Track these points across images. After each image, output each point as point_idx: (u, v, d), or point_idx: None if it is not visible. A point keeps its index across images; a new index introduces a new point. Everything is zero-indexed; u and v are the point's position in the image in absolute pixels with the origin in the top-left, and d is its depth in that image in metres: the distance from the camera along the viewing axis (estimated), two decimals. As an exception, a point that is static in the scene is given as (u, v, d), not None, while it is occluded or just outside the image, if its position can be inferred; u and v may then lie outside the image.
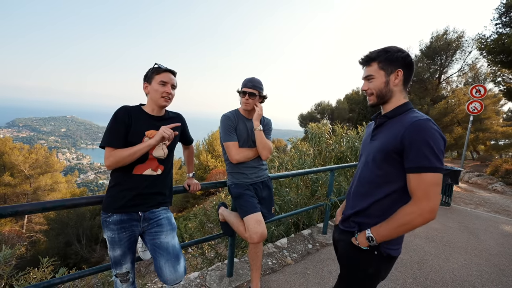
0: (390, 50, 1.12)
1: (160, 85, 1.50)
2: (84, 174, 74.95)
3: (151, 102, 1.55)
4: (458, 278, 2.61)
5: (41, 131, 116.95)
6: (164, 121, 1.60)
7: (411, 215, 0.99)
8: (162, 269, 1.45)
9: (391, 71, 1.12)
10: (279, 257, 2.82)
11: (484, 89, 7.64)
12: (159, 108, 1.57)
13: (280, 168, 4.64)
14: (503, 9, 9.65)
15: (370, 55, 1.16)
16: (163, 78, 1.51)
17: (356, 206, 1.19)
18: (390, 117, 1.15)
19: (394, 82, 1.13)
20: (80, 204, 1.57)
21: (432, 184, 0.96)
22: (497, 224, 4.53)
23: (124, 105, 1.53)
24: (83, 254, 13.14)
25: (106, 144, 1.42)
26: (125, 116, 1.46)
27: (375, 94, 1.16)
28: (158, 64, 1.53)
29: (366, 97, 1.22)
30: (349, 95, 26.59)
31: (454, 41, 16.73)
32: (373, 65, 1.15)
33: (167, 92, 1.52)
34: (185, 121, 1.78)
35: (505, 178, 10.80)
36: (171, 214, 1.64)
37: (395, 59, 1.11)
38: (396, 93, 1.15)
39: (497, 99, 17.26)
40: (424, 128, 0.99)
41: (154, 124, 1.54)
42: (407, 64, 1.11)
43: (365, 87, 1.20)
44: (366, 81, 1.19)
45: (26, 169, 18.33)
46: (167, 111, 1.67)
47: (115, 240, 1.45)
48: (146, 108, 1.56)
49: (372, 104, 1.21)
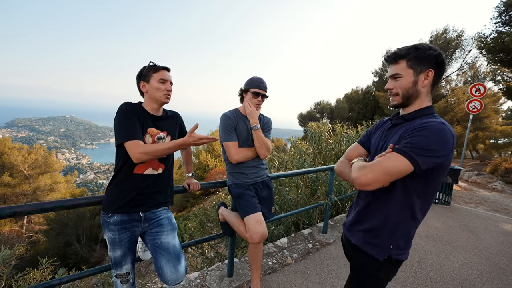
0: (421, 47, 1.03)
1: (160, 83, 1.50)
2: (84, 174, 74.87)
3: (150, 100, 1.54)
4: (458, 277, 2.61)
5: (40, 131, 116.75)
6: (162, 120, 1.59)
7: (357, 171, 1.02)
8: (163, 269, 1.44)
9: (420, 71, 1.04)
10: (279, 257, 2.82)
11: (484, 88, 7.65)
12: (159, 106, 1.57)
13: (280, 167, 4.64)
14: (503, 8, 9.65)
15: (398, 52, 1.07)
16: (161, 76, 1.51)
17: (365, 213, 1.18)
18: (407, 120, 1.09)
19: (423, 83, 1.05)
20: (80, 205, 1.57)
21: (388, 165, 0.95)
22: (497, 223, 4.53)
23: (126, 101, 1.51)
24: (83, 254, 13.13)
25: (128, 138, 1.36)
26: (132, 108, 1.46)
27: (401, 94, 1.08)
28: (153, 62, 1.53)
29: (390, 97, 1.14)
30: (348, 94, 26.61)
31: (454, 40, 16.74)
32: (401, 63, 1.06)
33: (168, 90, 1.53)
34: (182, 120, 1.78)
35: (505, 177, 10.82)
36: (171, 214, 1.64)
37: (426, 57, 1.02)
38: (423, 94, 1.07)
39: (497, 98, 17.26)
40: (432, 128, 0.95)
41: (155, 123, 1.54)
42: (439, 63, 1.03)
43: (390, 86, 1.11)
44: (392, 79, 1.10)
45: (26, 169, 18.30)
46: (165, 110, 1.67)
47: (115, 240, 1.45)
48: (145, 106, 1.56)
49: (395, 105, 1.12)
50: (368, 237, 1.14)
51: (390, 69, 1.11)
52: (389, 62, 1.12)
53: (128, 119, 1.41)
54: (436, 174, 1.01)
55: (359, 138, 1.34)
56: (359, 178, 0.99)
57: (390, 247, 1.09)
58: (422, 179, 1.01)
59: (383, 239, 1.10)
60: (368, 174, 0.97)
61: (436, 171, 0.99)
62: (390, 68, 1.11)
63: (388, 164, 0.96)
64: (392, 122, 1.17)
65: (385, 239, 1.10)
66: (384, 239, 1.10)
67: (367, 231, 1.15)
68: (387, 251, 1.09)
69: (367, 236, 1.15)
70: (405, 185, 1.04)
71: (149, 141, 1.50)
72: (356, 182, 1.01)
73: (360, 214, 1.20)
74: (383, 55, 1.19)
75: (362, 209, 1.19)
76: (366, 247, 1.14)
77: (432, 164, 0.95)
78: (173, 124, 1.66)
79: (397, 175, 0.96)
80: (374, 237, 1.12)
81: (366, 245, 1.14)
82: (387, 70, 1.16)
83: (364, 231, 1.16)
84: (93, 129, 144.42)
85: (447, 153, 0.95)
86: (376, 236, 1.12)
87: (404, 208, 1.06)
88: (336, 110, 25.37)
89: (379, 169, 0.97)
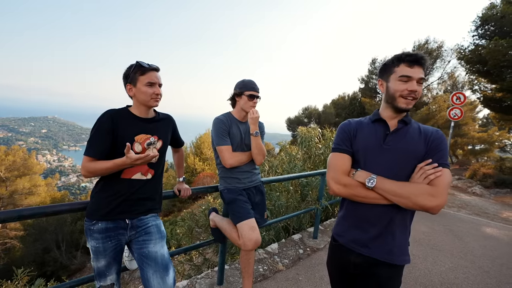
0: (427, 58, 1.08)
1: (147, 86, 1.40)
2: (66, 177, 71.84)
3: (138, 104, 1.45)
4: (446, 281, 2.65)
5: (19, 131, 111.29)
6: (154, 123, 1.52)
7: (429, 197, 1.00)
8: (149, 281, 1.36)
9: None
10: (270, 263, 2.77)
11: (464, 96, 7.98)
12: (147, 109, 1.48)
13: (270, 172, 4.61)
14: (479, 22, 10.19)
15: (426, 57, 1.05)
16: (149, 78, 1.40)
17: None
18: (407, 123, 1.14)
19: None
20: (62, 211, 1.47)
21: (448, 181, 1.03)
22: (478, 226, 4.70)
23: (109, 109, 1.41)
24: (63, 261, 12.54)
25: (85, 153, 1.33)
26: (108, 122, 1.35)
27: (417, 100, 1.10)
28: (140, 62, 1.41)
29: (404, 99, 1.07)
30: (335, 100, 27.11)
31: (435, 51, 17.47)
32: (423, 69, 1.07)
33: (157, 94, 1.43)
34: (175, 124, 1.71)
35: (483, 182, 11.33)
36: (160, 221, 1.56)
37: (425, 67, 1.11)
38: None
39: (473, 106, 18.14)
40: (444, 137, 1.10)
41: (144, 127, 1.46)
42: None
43: (415, 87, 1.05)
44: (417, 83, 1.06)
45: (2, 172, 17.28)
46: (157, 112, 1.59)
47: (99, 249, 1.36)
48: (133, 110, 1.46)
49: (409, 109, 1.10)
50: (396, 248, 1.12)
51: (417, 70, 1.05)
52: (416, 63, 1.06)
53: (95, 133, 1.34)
54: None
55: (337, 147, 1.20)
56: (438, 202, 1.00)
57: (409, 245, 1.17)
58: None
59: (405, 244, 1.15)
60: (444, 195, 1.01)
61: None
62: (417, 70, 1.05)
63: (449, 180, 1.04)
64: (390, 126, 1.14)
65: (406, 242, 1.15)
66: (406, 243, 1.15)
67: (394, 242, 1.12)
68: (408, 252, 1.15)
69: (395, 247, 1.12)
70: None
71: (138, 149, 1.42)
72: (435, 209, 1.01)
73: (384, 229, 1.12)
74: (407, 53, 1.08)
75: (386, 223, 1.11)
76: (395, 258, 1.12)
77: None
78: (165, 128, 1.59)
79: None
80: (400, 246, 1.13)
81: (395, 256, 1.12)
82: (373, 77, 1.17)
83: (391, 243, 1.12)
84: (76, 131, 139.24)
85: None
86: (401, 244, 1.13)
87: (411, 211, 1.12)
88: (323, 115, 25.75)
89: (447, 187, 1.03)
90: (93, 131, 1.35)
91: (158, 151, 1.49)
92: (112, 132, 1.36)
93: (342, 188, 1.13)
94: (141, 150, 1.43)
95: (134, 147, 1.41)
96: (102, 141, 1.34)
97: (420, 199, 0.99)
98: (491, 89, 10.98)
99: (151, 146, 1.47)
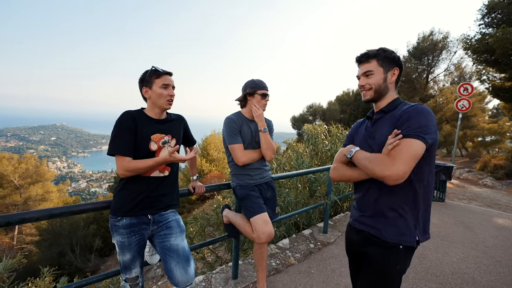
0: (387, 50, 1.21)
1: (162, 88, 1.51)
2: (76, 182, 73.28)
3: (153, 106, 1.55)
4: (457, 271, 2.68)
5: (30, 140, 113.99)
6: (167, 123, 1.61)
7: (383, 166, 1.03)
8: (173, 271, 1.45)
9: (388, 69, 1.20)
10: (282, 258, 2.84)
11: (471, 87, 7.89)
12: (161, 111, 1.58)
13: (278, 169, 4.68)
14: (485, 10, 10.03)
15: (369, 52, 1.22)
16: (164, 81, 1.52)
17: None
18: (386, 112, 1.21)
19: (391, 79, 1.21)
20: (88, 210, 1.57)
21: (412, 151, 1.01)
22: (490, 217, 4.66)
23: (127, 110, 1.52)
24: (77, 264, 12.84)
25: (116, 152, 1.42)
26: (130, 121, 1.46)
27: (374, 89, 1.21)
28: (155, 67, 1.53)
29: (361, 92, 1.26)
30: (340, 96, 26.96)
31: (440, 42, 17.22)
32: (372, 62, 1.21)
33: (171, 95, 1.55)
34: (187, 124, 1.79)
35: (494, 173, 11.14)
36: (179, 216, 1.65)
37: (392, 58, 1.20)
38: (391, 90, 1.23)
39: (482, 97, 17.82)
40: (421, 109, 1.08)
41: (158, 127, 1.55)
42: (401, 64, 1.22)
43: (363, 82, 1.23)
44: (364, 77, 1.23)
45: (16, 179, 17.83)
46: (169, 113, 1.69)
47: (124, 244, 1.45)
48: (148, 112, 1.57)
49: (368, 99, 1.24)
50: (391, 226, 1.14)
51: (362, 67, 1.24)
52: (361, 62, 1.25)
53: (120, 132, 1.43)
54: (432, 152, 1.11)
55: (343, 143, 1.41)
56: (391, 172, 0.99)
57: (415, 228, 1.12)
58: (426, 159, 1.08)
59: (408, 224, 1.12)
60: (400, 165, 0.99)
61: (432, 147, 1.08)
62: (362, 67, 1.24)
63: (412, 150, 1.01)
64: (374, 118, 1.26)
65: (409, 223, 1.12)
66: (409, 224, 1.12)
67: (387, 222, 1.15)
68: (414, 235, 1.12)
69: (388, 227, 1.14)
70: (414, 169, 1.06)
71: (154, 148, 1.51)
72: (388, 178, 1.00)
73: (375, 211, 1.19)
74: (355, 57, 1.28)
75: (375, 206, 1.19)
76: (390, 235, 1.13)
77: (432, 139, 1.05)
78: (178, 127, 1.68)
79: (418, 158, 1.03)
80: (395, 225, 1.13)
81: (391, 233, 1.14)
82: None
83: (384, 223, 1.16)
84: (84, 137, 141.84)
85: (435, 128, 1.07)
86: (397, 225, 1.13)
87: (415, 191, 1.11)
88: (328, 112, 25.65)
89: (407, 156, 1.00)
90: (116, 130, 1.44)
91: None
92: (135, 130, 1.46)
93: (333, 171, 1.32)
94: (156, 148, 1.53)
95: (151, 145, 1.50)
96: (128, 138, 1.43)
97: (376, 168, 1.05)
98: (500, 79, 10.78)
99: (166, 145, 1.56)
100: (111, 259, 13.97)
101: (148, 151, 1.49)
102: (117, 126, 1.44)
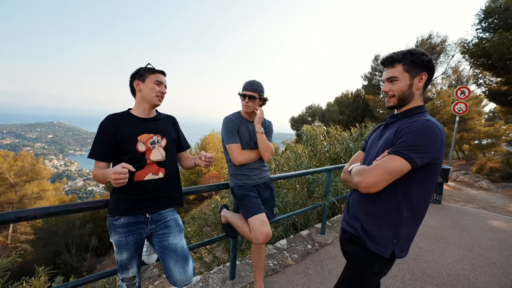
0: (415, 52, 1.10)
1: (155, 84, 1.51)
2: (73, 181, 72.72)
3: (142, 101, 1.53)
4: (453, 272, 2.70)
5: (26, 137, 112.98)
6: (155, 121, 1.58)
7: (358, 174, 1.08)
8: (171, 270, 1.45)
9: (415, 74, 1.11)
10: (280, 258, 2.84)
11: (468, 91, 7.95)
12: (150, 107, 1.55)
13: (276, 170, 4.68)
14: (483, 15, 10.13)
15: (395, 56, 1.12)
16: (158, 78, 1.52)
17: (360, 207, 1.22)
18: (400, 118, 1.17)
19: (417, 85, 1.12)
20: (85, 209, 1.56)
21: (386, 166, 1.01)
22: (485, 219, 4.70)
23: (110, 113, 1.50)
24: (73, 264, 12.75)
25: (91, 157, 1.42)
26: (109, 125, 1.43)
27: (397, 96, 1.14)
28: (151, 64, 1.54)
29: (385, 98, 1.20)
30: (339, 97, 27.05)
31: (438, 45, 17.36)
32: (398, 67, 1.12)
33: (162, 92, 1.54)
34: (177, 123, 1.75)
35: (490, 176, 11.24)
36: (178, 215, 1.64)
37: (420, 62, 1.10)
38: (416, 96, 1.15)
39: (479, 100, 17.94)
40: (423, 126, 1.01)
41: (145, 126, 1.52)
42: (431, 68, 1.11)
43: (387, 88, 1.16)
44: (389, 82, 1.16)
45: (11, 177, 17.65)
46: (159, 112, 1.66)
47: (122, 243, 1.45)
48: (135, 111, 1.54)
49: (391, 106, 1.19)
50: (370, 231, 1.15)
51: (387, 72, 1.16)
52: (385, 66, 1.18)
53: (97, 137, 1.44)
54: (430, 172, 1.05)
55: (362, 146, 1.42)
56: (362, 181, 1.05)
57: (394, 243, 1.11)
58: (418, 177, 1.05)
59: (384, 235, 1.11)
60: (371, 177, 1.03)
61: (430, 168, 1.04)
62: (387, 71, 1.16)
63: (388, 165, 1.02)
64: (385, 122, 1.25)
65: (386, 235, 1.11)
66: (385, 235, 1.11)
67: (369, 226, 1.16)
68: (390, 247, 1.11)
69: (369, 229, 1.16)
70: (398, 185, 1.06)
71: (142, 149, 1.47)
72: (359, 185, 1.07)
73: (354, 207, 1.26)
74: (380, 59, 1.24)
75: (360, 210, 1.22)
76: (367, 241, 1.15)
77: (426, 159, 1.00)
78: (167, 126, 1.63)
79: (397, 175, 1.02)
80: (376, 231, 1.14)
81: (368, 238, 1.15)
82: (376, 74, 1.24)
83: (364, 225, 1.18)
84: (82, 135, 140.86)
85: (437, 148, 1.00)
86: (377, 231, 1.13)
87: (398, 206, 1.09)
88: (327, 113, 25.75)
89: (380, 171, 1.02)
90: (96, 135, 1.44)
91: (164, 149, 1.55)
92: (114, 135, 1.43)
93: (343, 173, 1.36)
94: (145, 149, 1.48)
95: (138, 146, 1.46)
96: (104, 144, 1.43)
97: (354, 175, 1.13)
98: (496, 83, 10.89)
99: (155, 145, 1.51)
100: (107, 259, 13.88)
101: (135, 152, 1.45)
102: (97, 131, 1.45)
